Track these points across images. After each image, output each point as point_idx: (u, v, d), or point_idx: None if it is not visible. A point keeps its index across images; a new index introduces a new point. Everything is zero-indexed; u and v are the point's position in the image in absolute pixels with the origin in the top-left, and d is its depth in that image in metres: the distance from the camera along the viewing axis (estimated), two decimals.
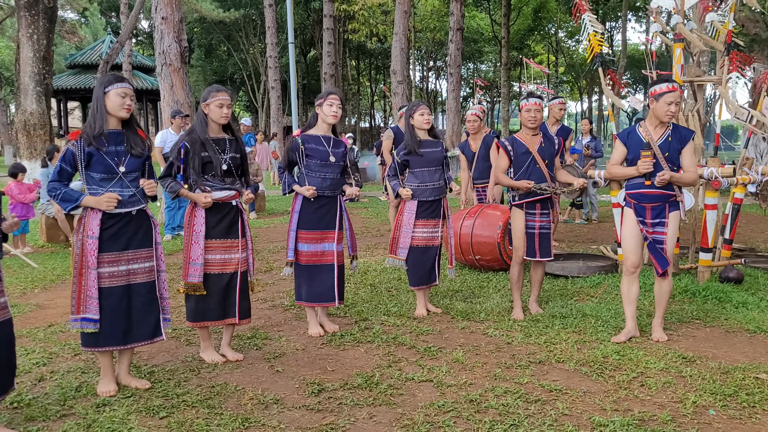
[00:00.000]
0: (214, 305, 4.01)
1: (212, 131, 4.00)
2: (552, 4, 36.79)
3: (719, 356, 4.06)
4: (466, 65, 48.92)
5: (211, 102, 3.94)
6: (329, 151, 4.55)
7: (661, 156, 4.24)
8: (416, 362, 4.02)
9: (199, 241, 3.94)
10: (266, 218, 11.52)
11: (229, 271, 4.03)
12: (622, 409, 3.31)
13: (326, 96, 4.56)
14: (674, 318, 4.86)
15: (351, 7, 29.16)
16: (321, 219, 4.56)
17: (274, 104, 24.32)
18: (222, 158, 3.96)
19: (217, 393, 3.57)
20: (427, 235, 5.00)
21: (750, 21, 16.26)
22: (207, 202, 3.89)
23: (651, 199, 4.30)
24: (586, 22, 5.91)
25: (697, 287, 5.52)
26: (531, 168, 4.85)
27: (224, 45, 40.51)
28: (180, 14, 9.67)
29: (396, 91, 16.49)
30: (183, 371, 3.91)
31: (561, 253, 7.13)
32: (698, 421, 3.16)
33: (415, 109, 5.02)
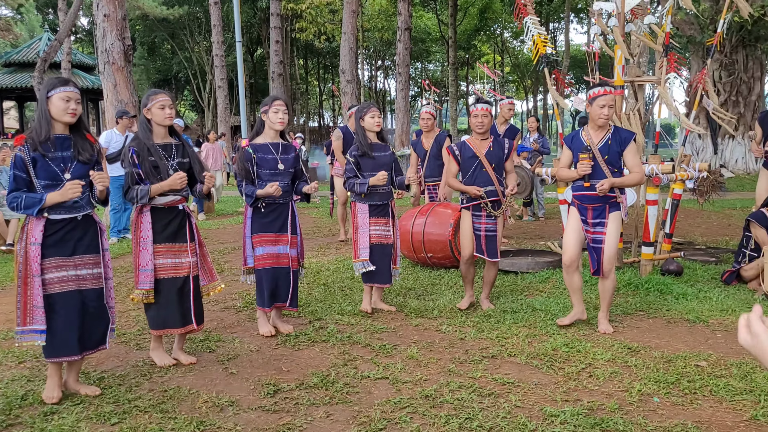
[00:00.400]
0: (174, 311, 3.94)
1: (158, 136, 3.92)
2: (497, 5, 37.37)
3: (662, 346, 4.23)
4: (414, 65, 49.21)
5: (152, 105, 3.86)
6: (278, 159, 4.51)
7: (601, 159, 4.40)
8: (371, 360, 4.05)
9: (147, 246, 3.85)
10: (216, 219, 11.36)
11: (182, 275, 3.96)
12: (571, 399, 3.41)
13: (271, 103, 4.50)
14: (619, 310, 5.03)
15: (298, 5, 28.97)
16: (273, 223, 4.53)
17: (221, 104, 23.97)
18: (169, 164, 3.88)
19: (170, 397, 3.52)
20: (381, 232, 5.04)
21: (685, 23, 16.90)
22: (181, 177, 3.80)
23: (592, 201, 4.47)
24: (529, 25, 6.05)
25: (640, 280, 5.72)
26: (477, 172, 4.95)
27: (168, 43, 39.64)
28: (123, 11, 9.44)
29: (345, 90, 16.49)
30: (134, 376, 3.84)
31: (510, 249, 7.28)
32: (644, 409, 3.28)
33: (365, 111, 5.02)
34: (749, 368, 3.74)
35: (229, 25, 32.53)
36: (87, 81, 29.08)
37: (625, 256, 6.56)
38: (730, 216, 10.13)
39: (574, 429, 3.05)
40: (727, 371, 3.73)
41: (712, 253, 7.00)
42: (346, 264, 6.87)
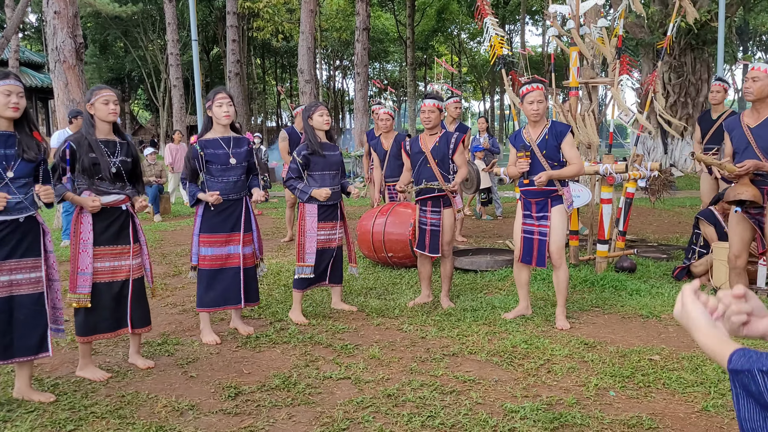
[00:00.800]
0: (107, 316, 3.78)
1: (101, 133, 3.79)
2: (454, 6, 37.72)
3: (617, 341, 4.34)
4: (372, 65, 49.29)
5: (95, 100, 3.73)
6: (229, 153, 4.42)
7: (539, 154, 4.55)
8: (333, 360, 4.04)
9: (87, 249, 3.71)
10: (172, 221, 11.17)
11: (120, 279, 3.82)
12: (531, 395, 3.47)
13: (214, 97, 4.40)
14: (576, 306, 5.14)
15: (255, 4, 28.69)
16: (225, 222, 4.44)
17: (176, 103, 23.58)
18: (111, 161, 3.75)
19: (128, 402, 3.45)
20: (325, 237, 4.96)
21: (636, 26, 17.37)
22: (95, 205, 3.66)
23: (534, 195, 4.63)
24: (488, 26, 6.13)
25: (595, 277, 5.85)
26: (422, 167, 5.01)
27: (121, 41, 38.77)
28: (74, 8, 9.19)
29: (303, 90, 16.40)
30: (90, 382, 3.75)
31: (469, 248, 7.36)
32: (600, 402, 3.37)
33: (314, 109, 4.92)
34: (700, 361, 3.87)
35: (184, 23, 32.02)
36: (36, 79, 28.25)
37: (581, 253, 6.70)
38: (680, 214, 10.45)
39: (533, 424, 3.11)
40: (679, 364, 3.85)
41: (663, 250, 7.21)
42: None
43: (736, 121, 4.43)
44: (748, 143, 4.26)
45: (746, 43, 37.90)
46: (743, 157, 4.24)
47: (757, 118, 4.29)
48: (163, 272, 6.74)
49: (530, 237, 4.69)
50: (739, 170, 4.07)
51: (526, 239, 4.72)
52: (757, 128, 4.26)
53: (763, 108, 4.27)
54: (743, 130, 4.31)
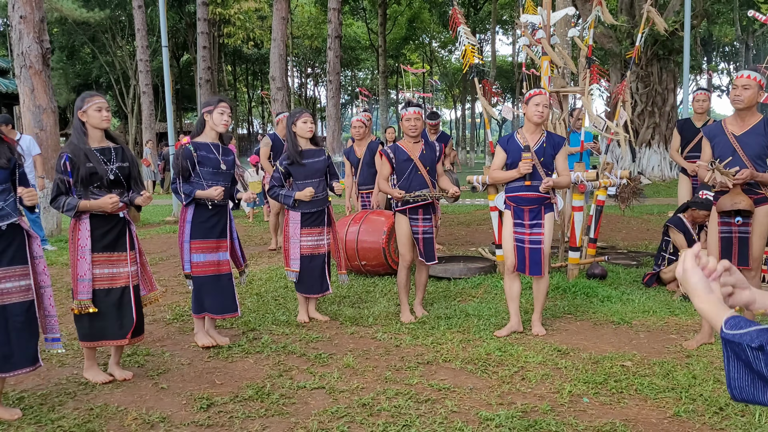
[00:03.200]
0: (110, 323, 3.77)
1: (94, 140, 3.77)
2: (426, 15, 37.94)
3: (589, 347, 4.38)
4: (344, 72, 49.33)
5: (88, 108, 3.72)
6: (220, 159, 4.42)
7: (537, 162, 4.54)
8: (307, 370, 4.01)
9: (85, 255, 3.69)
10: (141, 229, 10.99)
11: (119, 285, 3.81)
12: (506, 402, 3.48)
13: (217, 104, 4.42)
14: (548, 314, 5.17)
15: (226, 11, 28.50)
16: (214, 228, 4.43)
17: (146, 110, 23.24)
18: (108, 168, 3.73)
19: (96, 415, 3.37)
20: (312, 243, 4.98)
21: (604, 36, 17.67)
22: (113, 202, 3.66)
23: (529, 202, 4.58)
24: (462, 35, 6.18)
25: (567, 284, 5.91)
26: (413, 175, 4.97)
27: (88, 47, 38.14)
28: (41, 13, 9.02)
29: (275, 97, 16.32)
30: (57, 395, 3.65)
31: (443, 255, 7.37)
32: (574, 409, 3.39)
33: (298, 116, 4.94)
34: (671, 367, 3.92)
35: (154, 29, 31.66)
36: (1, 85, 27.65)
37: (553, 260, 6.76)
38: (648, 221, 10.63)
39: (509, 431, 3.11)
40: (651, 370, 3.90)
41: (633, 257, 7.32)
42: (278, 273, 6.78)
43: (719, 128, 4.32)
44: (734, 151, 4.18)
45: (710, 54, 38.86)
46: (730, 165, 4.19)
47: (742, 125, 4.21)
48: None
49: (522, 246, 4.65)
50: (737, 179, 4.02)
51: (518, 248, 4.66)
52: (743, 136, 4.18)
53: (749, 116, 4.20)
54: (728, 138, 4.22)
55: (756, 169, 4.12)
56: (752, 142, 4.10)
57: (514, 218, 4.66)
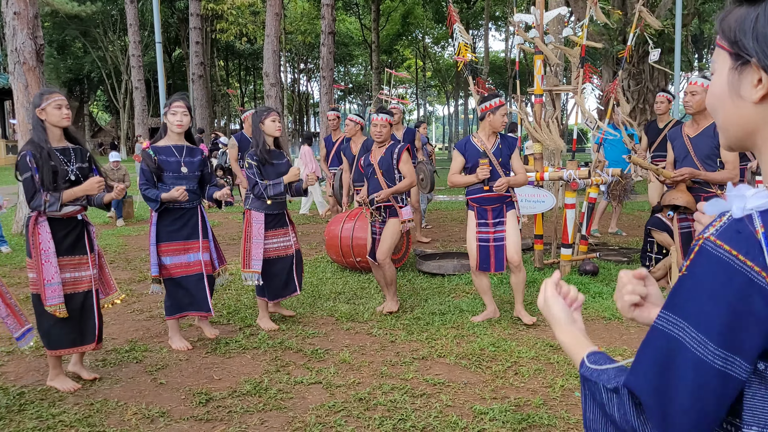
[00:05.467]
0: (71, 329, 3.69)
1: (53, 139, 3.66)
2: (419, 11, 37.97)
3: None
4: (337, 68, 49.30)
5: (47, 105, 3.57)
6: (181, 162, 4.34)
7: (496, 162, 4.76)
8: (304, 365, 4.06)
9: (50, 259, 3.58)
10: (135, 225, 11.00)
11: (82, 290, 3.74)
12: (499, 396, 3.55)
13: (170, 104, 4.33)
14: None
15: (219, 6, 28.44)
16: (180, 230, 4.35)
17: (138, 105, 23.22)
18: (68, 169, 3.66)
19: (97, 410, 3.42)
20: (279, 245, 4.89)
21: (596, 34, 17.74)
22: (99, 181, 3.65)
23: (491, 202, 4.80)
24: (457, 32, 6.23)
25: None
26: (371, 178, 5.18)
27: (80, 41, 37.96)
28: (35, 9, 8.99)
29: (269, 93, 16.30)
30: (57, 390, 3.69)
31: (436, 252, 7.44)
32: (566, 403, 3.46)
33: (266, 114, 4.80)
34: None
35: (146, 24, 31.54)
36: None
37: (546, 257, 6.83)
38: (639, 217, 10.71)
39: (502, 425, 3.18)
40: None
41: (624, 253, 7.40)
42: None
43: (678, 131, 4.74)
44: (688, 152, 4.58)
45: (701, 51, 39.07)
46: (682, 164, 4.58)
47: (696, 128, 4.61)
48: (128, 278, 6.65)
49: (486, 245, 4.85)
50: (674, 176, 4.36)
51: (482, 247, 4.86)
52: (695, 138, 4.57)
53: (702, 119, 4.58)
54: (684, 140, 4.63)
55: (705, 169, 4.50)
56: (702, 144, 4.51)
57: (477, 218, 4.85)
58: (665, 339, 0.90)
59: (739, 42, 0.93)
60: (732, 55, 0.95)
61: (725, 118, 0.98)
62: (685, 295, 0.89)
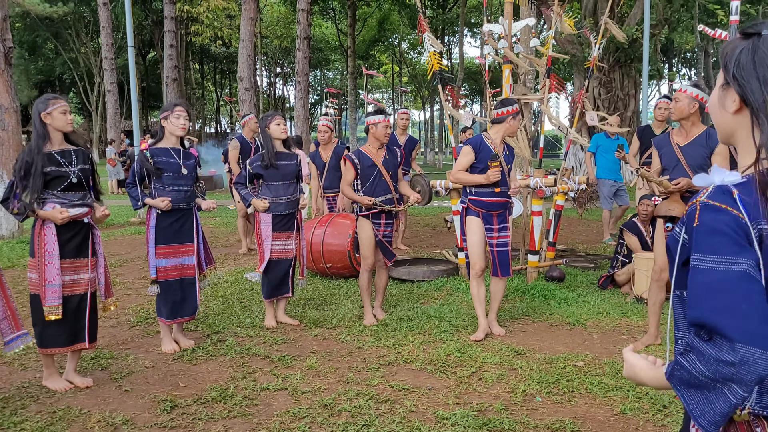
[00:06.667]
0: (64, 330, 3.77)
1: (56, 143, 3.78)
2: (395, 16, 38.10)
3: (545, 348, 4.54)
4: (313, 72, 49.27)
5: (53, 110, 3.72)
6: (180, 164, 4.47)
7: (506, 167, 4.75)
8: (271, 372, 4.08)
9: (53, 260, 3.69)
10: (105, 230, 10.89)
11: (79, 292, 3.83)
12: (462, 402, 3.61)
13: (172, 108, 4.48)
14: (507, 315, 5.33)
15: (194, 9, 28.28)
16: (178, 232, 4.47)
17: (111, 108, 22.95)
18: (71, 171, 3.76)
19: (59, 418, 3.40)
20: (280, 247, 5.05)
21: (568, 42, 18.01)
22: (63, 217, 3.67)
23: (497, 207, 4.80)
24: (427, 41, 6.31)
25: (526, 286, 6.08)
26: (377, 180, 5.09)
27: (51, 43, 37.43)
28: (4, 12, 8.89)
29: (243, 98, 16.25)
30: (19, 398, 3.67)
31: (407, 258, 7.50)
32: (527, 408, 3.53)
33: (271, 119, 5.01)
34: (620, 366, 4.10)
35: (119, 26, 31.21)
36: None
37: (514, 263, 6.93)
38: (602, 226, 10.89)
39: (464, 430, 3.24)
40: (601, 370, 4.07)
41: (591, 260, 7.54)
42: (244, 276, 6.82)
43: (666, 139, 4.57)
44: (678, 161, 4.41)
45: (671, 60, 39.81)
46: (673, 174, 4.39)
47: (686, 136, 4.44)
48: None
49: (491, 249, 4.85)
50: (674, 187, 4.27)
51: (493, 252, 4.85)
52: (686, 147, 4.41)
53: (691, 127, 4.43)
54: (673, 148, 4.46)
55: None
56: (694, 152, 4.34)
57: (485, 223, 4.80)
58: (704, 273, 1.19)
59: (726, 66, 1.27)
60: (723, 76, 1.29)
61: (717, 122, 1.35)
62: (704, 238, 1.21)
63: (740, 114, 1.28)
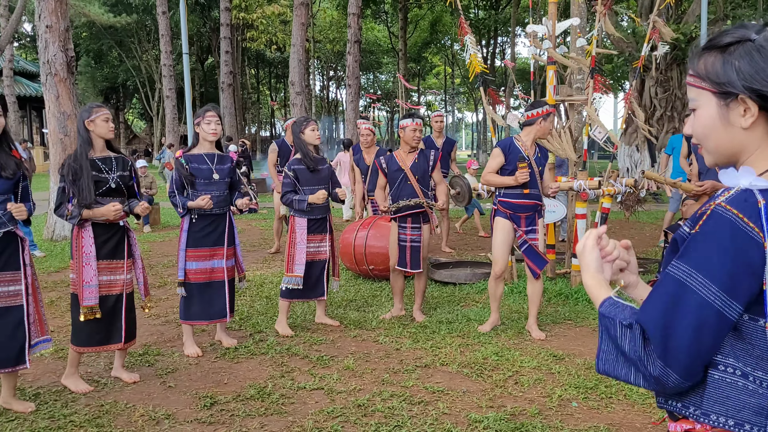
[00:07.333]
0: (100, 330, 3.89)
1: (98, 149, 3.93)
2: (447, 18, 38.00)
3: (585, 353, 4.47)
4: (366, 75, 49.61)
5: (96, 117, 3.86)
6: (212, 169, 4.54)
7: (537, 170, 4.70)
8: (308, 371, 4.17)
9: (90, 262, 3.82)
10: (161, 231, 11.27)
11: (115, 293, 3.95)
12: (496, 405, 3.61)
13: (204, 114, 4.54)
14: (548, 319, 5.27)
15: (250, 15, 28.92)
16: (209, 236, 4.55)
17: (169, 114, 23.72)
18: (109, 177, 3.90)
19: (106, 412, 3.57)
20: (314, 249, 5.09)
21: (623, 41, 17.60)
22: (117, 209, 3.81)
23: (525, 209, 4.79)
24: (468, 44, 6.30)
25: (570, 290, 6.00)
26: (402, 184, 5.15)
27: (115, 51, 38.93)
28: (66, 23, 9.32)
29: (294, 102, 16.54)
30: (70, 392, 3.86)
31: (450, 261, 7.49)
32: (562, 413, 3.50)
33: (305, 124, 5.05)
34: None
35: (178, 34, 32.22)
36: (30, 89, 28.35)
37: (559, 267, 6.84)
38: (662, 227, 10.60)
39: None
40: None
41: (640, 264, 7.36)
42: None
43: None
44: None
45: None
46: (706, 177, 4.40)
47: None
48: (149, 283, 6.83)
49: (522, 251, 4.88)
50: (697, 190, 4.20)
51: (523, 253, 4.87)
52: None
53: None
54: None
55: None
56: None
57: (511, 224, 4.82)
58: (675, 284, 1.11)
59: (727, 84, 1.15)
60: (717, 94, 1.17)
61: (717, 142, 1.21)
62: (695, 249, 1.10)
63: (755, 125, 1.16)
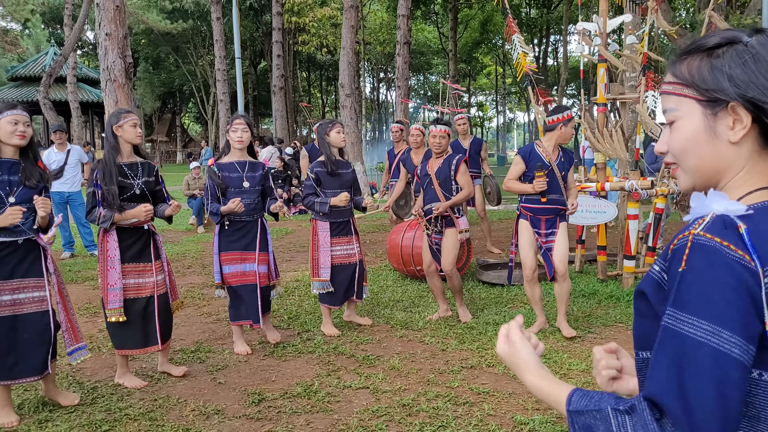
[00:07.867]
0: (134, 332, 3.95)
1: (125, 155, 3.96)
2: (498, 18, 37.65)
3: None
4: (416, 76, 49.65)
5: (124, 123, 3.89)
6: (243, 177, 4.55)
7: (559, 175, 4.76)
8: (354, 370, 4.21)
9: (114, 265, 3.86)
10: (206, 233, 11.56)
11: (145, 295, 3.98)
12: (542, 408, 3.56)
13: (231, 122, 4.57)
14: (599, 322, 5.18)
15: (301, 19, 29.33)
16: (239, 241, 4.56)
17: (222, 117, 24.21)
18: (135, 183, 3.94)
19: (159, 406, 3.69)
20: (342, 252, 5.06)
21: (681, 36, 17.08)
22: (148, 210, 3.88)
23: (546, 213, 4.82)
24: (516, 43, 6.25)
25: (621, 293, 5.87)
26: (427, 189, 5.21)
27: (172, 56, 40.11)
28: (124, 30, 9.66)
29: (344, 104, 16.69)
30: (126, 386, 4.00)
31: (498, 262, 7.43)
32: None
33: (331, 126, 5.01)
34: None
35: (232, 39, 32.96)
36: (92, 95, 29.48)
37: (611, 269, 6.70)
38: None
39: None
40: None
41: None
42: None
43: None
44: None
45: None
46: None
47: None
48: (202, 282, 7.03)
49: (543, 253, 4.89)
50: None
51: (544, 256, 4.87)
52: None
53: None
54: None
55: None
56: None
57: (533, 228, 4.85)
58: (678, 339, 0.90)
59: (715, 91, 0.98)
60: (704, 103, 1.00)
61: (699, 159, 1.03)
62: (689, 291, 0.90)
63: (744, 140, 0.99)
